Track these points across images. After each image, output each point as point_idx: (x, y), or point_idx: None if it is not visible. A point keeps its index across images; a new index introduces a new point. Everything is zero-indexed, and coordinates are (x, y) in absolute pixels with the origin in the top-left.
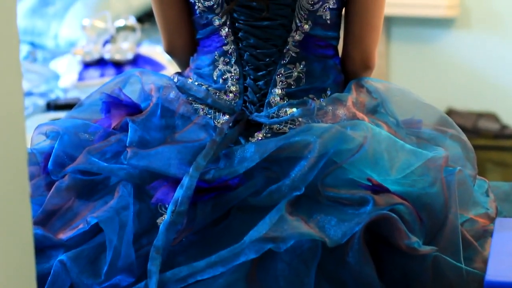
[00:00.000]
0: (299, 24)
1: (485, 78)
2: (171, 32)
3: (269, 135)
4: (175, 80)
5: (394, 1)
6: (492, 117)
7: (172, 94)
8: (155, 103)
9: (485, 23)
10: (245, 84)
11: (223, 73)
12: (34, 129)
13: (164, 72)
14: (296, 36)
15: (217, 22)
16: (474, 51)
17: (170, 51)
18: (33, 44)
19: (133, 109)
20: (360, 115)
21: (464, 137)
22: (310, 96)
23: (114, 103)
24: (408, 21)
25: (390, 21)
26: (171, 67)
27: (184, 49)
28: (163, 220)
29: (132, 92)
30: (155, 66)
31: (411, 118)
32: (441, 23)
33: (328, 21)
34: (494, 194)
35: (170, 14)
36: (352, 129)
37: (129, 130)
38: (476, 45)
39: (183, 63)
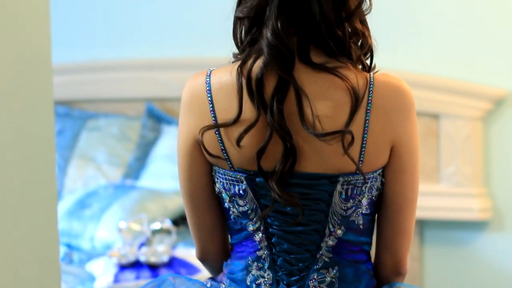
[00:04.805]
0: (332, 229)
1: None
2: (205, 239)
3: None
4: (208, 285)
5: (427, 205)
6: None
7: None
8: None
9: None
10: None
11: (256, 278)
12: None
13: (199, 275)
14: (329, 241)
15: (251, 228)
16: (508, 254)
17: (203, 258)
18: (69, 246)
19: None
20: None
21: None
22: None
23: None
24: (441, 224)
25: (423, 224)
26: (205, 271)
27: (217, 255)
28: None
29: None
30: (190, 269)
31: None
32: (474, 226)
33: (361, 226)
34: None
35: (204, 220)
36: None
37: None
38: (509, 248)
39: (216, 269)
